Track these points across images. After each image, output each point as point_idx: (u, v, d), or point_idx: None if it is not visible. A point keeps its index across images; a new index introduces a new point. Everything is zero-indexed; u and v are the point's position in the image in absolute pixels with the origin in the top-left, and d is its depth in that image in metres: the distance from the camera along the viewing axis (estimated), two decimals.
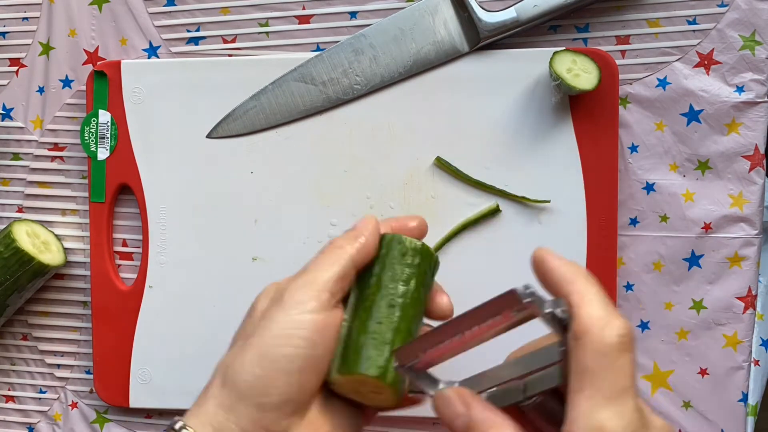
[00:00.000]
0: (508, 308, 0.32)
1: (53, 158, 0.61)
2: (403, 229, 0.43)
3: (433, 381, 0.37)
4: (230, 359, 0.39)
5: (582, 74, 0.52)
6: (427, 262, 0.41)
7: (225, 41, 0.59)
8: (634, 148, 0.55)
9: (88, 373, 0.62)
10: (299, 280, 0.39)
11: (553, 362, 0.34)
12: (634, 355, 0.32)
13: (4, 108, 0.62)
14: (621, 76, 0.54)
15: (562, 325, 0.32)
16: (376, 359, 0.37)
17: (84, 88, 0.60)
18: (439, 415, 0.36)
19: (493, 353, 0.37)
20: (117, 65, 0.59)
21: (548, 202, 0.55)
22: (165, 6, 0.59)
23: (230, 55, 0.59)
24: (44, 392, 0.63)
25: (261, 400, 0.37)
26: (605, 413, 0.30)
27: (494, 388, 0.36)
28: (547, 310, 0.32)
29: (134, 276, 0.60)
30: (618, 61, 0.55)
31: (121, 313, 0.59)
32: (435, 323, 0.40)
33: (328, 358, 0.38)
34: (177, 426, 0.37)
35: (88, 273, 0.61)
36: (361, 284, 0.41)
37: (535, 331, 0.36)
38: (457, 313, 0.38)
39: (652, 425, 0.32)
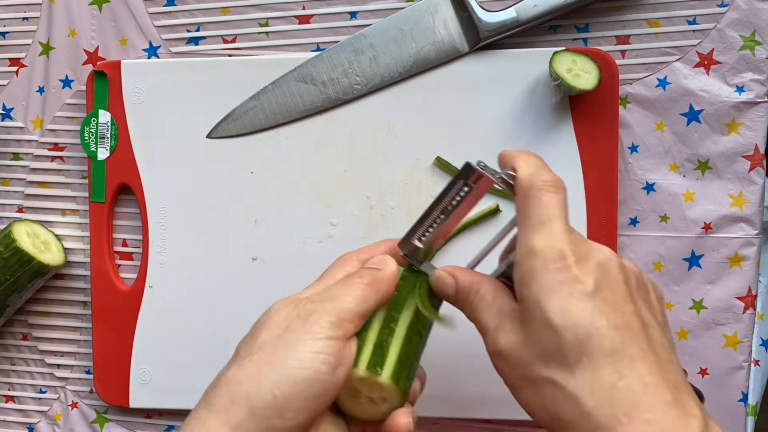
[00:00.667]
0: (468, 179, 0.40)
1: (53, 158, 0.61)
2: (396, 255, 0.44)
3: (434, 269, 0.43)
4: (243, 375, 0.37)
5: (582, 74, 0.52)
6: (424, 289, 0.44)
7: (225, 41, 0.59)
8: (634, 148, 0.55)
9: (88, 373, 0.62)
10: (326, 305, 0.39)
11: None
12: (561, 196, 0.38)
13: (4, 108, 0.62)
14: (621, 76, 0.54)
15: (512, 186, 0.39)
16: (391, 365, 0.39)
17: (84, 88, 0.60)
18: (438, 293, 0.42)
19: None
20: (117, 65, 0.59)
21: None
22: (165, 6, 0.59)
23: (230, 55, 0.59)
24: (44, 392, 0.63)
25: (274, 422, 0.36)
26: (535, 236, 0.37)
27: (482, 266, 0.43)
28: (497, 175, 0.40)
29: (134, 276, 0.60)
30: (618, 61, 0.55)
31: (121, 313, 0.59)
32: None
33: (341, 386, 0.38)
34: None
35: (88, 273, 0.61)
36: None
37: None
38: None
39: (592, 249, 0.37)
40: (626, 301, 0.36)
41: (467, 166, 0.39)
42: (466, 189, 0.40)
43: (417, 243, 0.42)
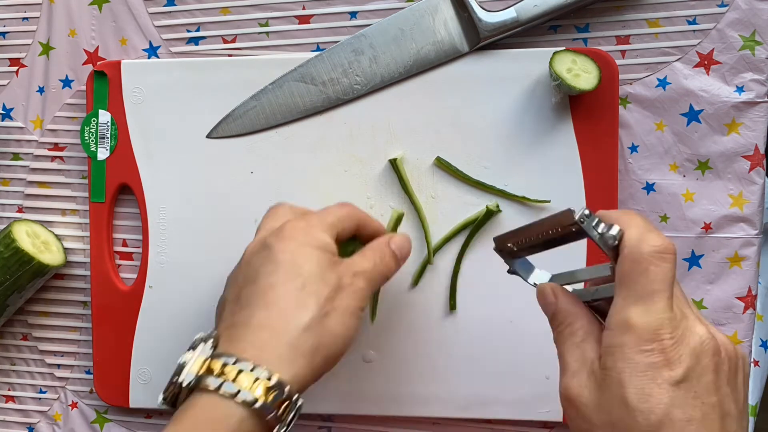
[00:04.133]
0: (567, 225, 0.38)
1: (53, 158, 0.61)
2: None
3: (529, 267, 0.45)
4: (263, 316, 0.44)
5: (582, 74, 0.52)
6: None
7: (225, 41, 0.59)
8: (634, 148, 0.55)
9: (88, 373, 0.62)
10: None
11: (606, 276, 0.40)
12: (670, 266, 0.36)
13: (4, 108, 0.62)
14: (621, 76, 0.54)
15: (613, 247, 0.37)
16: None
17: (84, 88, 0.60)
18: (538, 301, 0.42)
19: None
20: (117, 65, 0.59)
21: (548, 202, 0.55)
22: (165, 6, 0.59)
23: (230, 55, 0.59)
24: (44, 392, 0.63)
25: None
26: (634, 310, 0.35)
27: (575, 286, 0.43)
28: (597, 232, 0.37)
29: (134, 276, 0.60)
30: (618, 61, 0.55)
31: (121, 313, 0.59)
32: None
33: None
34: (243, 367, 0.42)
35: (88, 273, 0.61)
36: None
37: None
38: None
39: (689, 329, 0.36)
40: (710, 392, 0.35)
41: (568, 212, 0.37)
42: (559, 230, 0.39)
43: (509, 245, 0.43)
